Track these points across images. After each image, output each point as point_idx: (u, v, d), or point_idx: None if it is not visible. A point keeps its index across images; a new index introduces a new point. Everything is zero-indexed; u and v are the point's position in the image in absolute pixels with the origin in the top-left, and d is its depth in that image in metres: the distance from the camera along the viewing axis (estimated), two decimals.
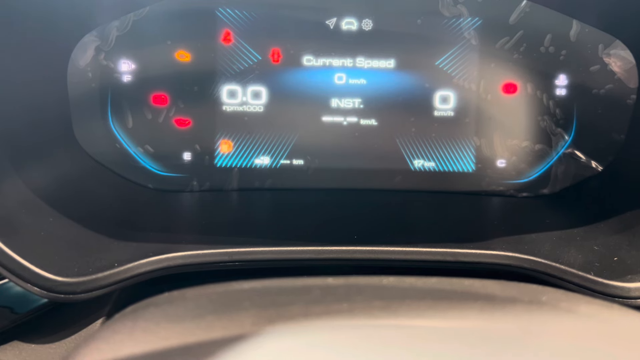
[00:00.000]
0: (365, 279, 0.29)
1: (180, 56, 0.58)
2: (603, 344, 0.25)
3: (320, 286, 0.28)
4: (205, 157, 0.60)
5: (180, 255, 0.44)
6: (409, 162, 0.61)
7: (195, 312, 0.27)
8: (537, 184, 0.61)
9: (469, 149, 0.61)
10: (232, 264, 0.45)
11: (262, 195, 0.60)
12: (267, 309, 0.26)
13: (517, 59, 0.59)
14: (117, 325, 0.27)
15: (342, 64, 0.59)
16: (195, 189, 0.60)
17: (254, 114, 0.59)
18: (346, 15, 0.58)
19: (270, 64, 0.59)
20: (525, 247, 0.47)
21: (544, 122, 0.60)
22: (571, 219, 0.54)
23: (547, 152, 0.61)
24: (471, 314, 0.26)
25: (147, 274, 0.43)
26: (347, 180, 0.61)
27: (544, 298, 0.29)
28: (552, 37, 0.58)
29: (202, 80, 0.59)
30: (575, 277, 0.44)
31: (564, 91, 0.59)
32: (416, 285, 0.29)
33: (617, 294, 0.44)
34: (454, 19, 0.58)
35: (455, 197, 0.61)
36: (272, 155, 0.60)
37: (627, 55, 0.57)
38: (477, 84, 0.60)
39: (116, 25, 0.56)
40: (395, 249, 0.45)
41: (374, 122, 0.60)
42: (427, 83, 0.60)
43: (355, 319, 0.25)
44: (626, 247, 0.48)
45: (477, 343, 0.24)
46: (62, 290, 0.40)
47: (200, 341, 0.24)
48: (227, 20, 0.58)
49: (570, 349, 0.24)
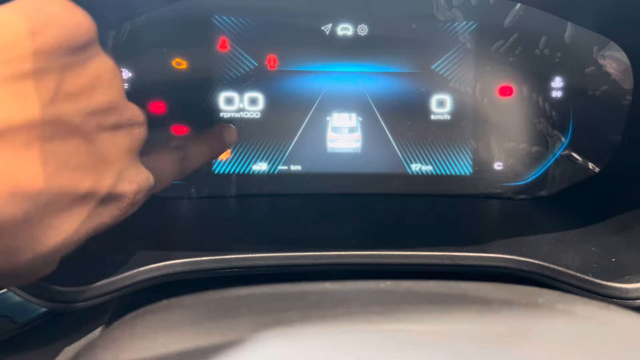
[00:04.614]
0: (362, 283, 0.29)
1: (177, 64, 0.58)
2: (600, 346, 0.25)
3: (318, 291, 0.28)
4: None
5: (179, 263, 0.44)
6: (406, 166, 0.61)
7: (193, 318, 0.27)
8: (534, 186, 0.62)
9: (466, 152, 0.61)
10: (230, 270, 0.45)
11: (260, 201, 0.60)
12: (264, 314, 0.26)
13: (512, 62, 0.59)
14: (116, 332, 0.27)
15: (338, 69, 0.59)
16: (194, 195, 0.60)
17: (251, 120, 0.60)
18: (341, 21, 0.59)
19: (267, 71, 0.59)
20: (523, 249, 0.47)
21: (541, 124, 0.60)
22: (569, 220, 0.54)
23: (544, 154, 0.61)
24: (468, 317, 0.26)
25: (146, 282, 0.43)
26: (344, 185, 0.61)
27: (540, 300, 0.29)
28: (546, 40, 0.58)
29: (199, 88, 0.59)
30: (573, 278, 0.44)
31: (560, 93, 0.60)
32: (413, 289, 0.29)
33: (615, 295, 0.44)
34: (449, 23, 0.59)
35: (453, 200, 0.61)
36: (269, 161, 0.61)
37: (621, 56, 0.57)
38: (473, 88, 0.60)
39: (112, 34, 0.56)
40: (393, 253, 0.45)
41: (371, 127, 0.60)
42: (423, 87, 0.60)
43: (353, 323, 0.25)
44: (624, 248, 0.48)
45: (474, 346, 0.24)
46: (61, 299, 0.40)
47: (199, 347, 0.24)
48: (224, 27, 0.58)
49: (567, 350, 0.24)
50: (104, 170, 0.32)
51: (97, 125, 0.31)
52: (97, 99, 0.31)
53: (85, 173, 0.31)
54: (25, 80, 0.27)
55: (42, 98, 0.28)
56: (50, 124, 0.28)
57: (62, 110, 0.29)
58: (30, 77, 0.27)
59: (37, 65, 0.28)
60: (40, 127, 0.28)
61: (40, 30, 0.28)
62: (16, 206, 0.27)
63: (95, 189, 0.31)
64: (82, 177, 0.30)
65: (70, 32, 0.29)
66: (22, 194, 0.27)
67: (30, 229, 0.29)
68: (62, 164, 0.29)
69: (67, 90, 0.29)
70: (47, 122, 0.28)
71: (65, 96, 0.29)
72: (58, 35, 0.29)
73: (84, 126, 0.30)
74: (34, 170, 0.28)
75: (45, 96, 0.28)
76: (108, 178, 0.32)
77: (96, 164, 0.31)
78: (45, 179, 0.28)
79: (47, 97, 0.28)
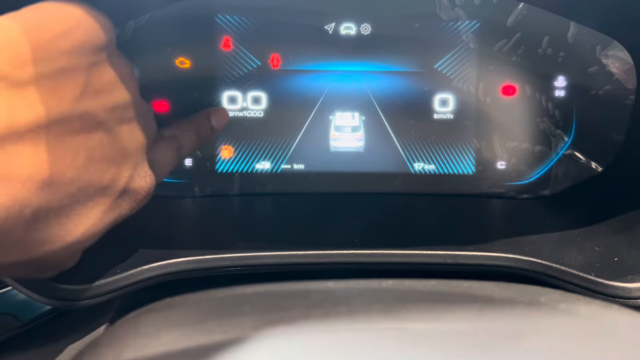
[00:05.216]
0: (364, 282, 0.29)
1: (181, 63, 0.58)
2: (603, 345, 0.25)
3: (320, 290, 0.28)
4: (206, 162, 0.60)
5: (182, 261, 0.44)
6: (409, 166, 0.61)
7: (197, 317, 0.27)
8: (537, 185, 0.62)
9: (469, 151, 0.61)
10: (234, 268, 0.45)
11: (263, 200, 0.60)
12: (267, 313, 0.26)
13: (515, 61, 0.59)
14: (119, 330, 0.27)
15: (341, 68, 0.59)
16: (197, 194, 0.60)
17: (254, 119, 0.60)
18: (345, 20, 0.59)
19: (270, 70, 0.59)
20: (525, 248, 0.47)
21: (544, 123, 0.60)
22: (572, 219, 0.54)
23: (547, 154, 0.61)
24: (470, 315, 0.27)
25: (150, 280, 0.43)
26: (347, 184, 0.61)
27: (543, 299, 0.29)
28: (549, 39, 0.58)
29: (203, 87, 0.59)
30: (576, 278, 0.44)
31: (563, 93, 0.60)
32: (415, 288, 0.29)
33: (618, 294, 0.44)
34: (452, 22, 0.59)
35: (456, 199, 0.61)
36: (272, 160, 0.61)
37: (625, 56, 0.57)
38: (476, 87, 0.60)
39: (116, 33, 0.56)
40: (395, 252, 0.46)
41: (374, 126, 0.60)
42: (426, 86, 0.60)
43: (355, 322, 0.25)
44: (627, 247, 0.48)
45: (476, 344, 0.24)
46: (65, 297, 0.40)
47: (202, 345, 0.24)
48: (227, 26, 0.58)
49: (570, 350, 0.24)
50: (124, 162, 0.34)
51: (118, 120, 0.33)
52: (117, 95, 0.33)
53: (108, 165, 0.33)
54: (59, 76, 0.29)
55: (73, 93, 0.30)
56: (79, 119, 0.30)
57: (89, 105, 0.31)
58: (64, 73, 0.29)
59: (70, 62, 0.30)
60: (71, 120, 0.30)
61: (70, 31, 0.30)
62: (51, 195, 0.29)
63: (116, 180, 0.33)
64: (105, 169, 0.33)
65: (94, 33, 0.32)
66: (57, 183, 0.29)
67: (62, 218, 0.31)
68: (89, 156, 0.31)
69: (92, 87, 0.31)
70: (77, 116, 0.30)
71: (91, 92, 0.31)
72: (85, 35, 0.31)
73: (107, 121, 0.32)
74: (66, 161, 0.30)
75: (76, 92, 0.30)
76: (127, 170, 0.34)
77: (117, 156, 0.33)
78: (75, 169, 0.30)
79: (77, 92, 0.30)
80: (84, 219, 0.32)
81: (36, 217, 0.29)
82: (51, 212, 0.30)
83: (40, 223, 0.29)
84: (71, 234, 0.31)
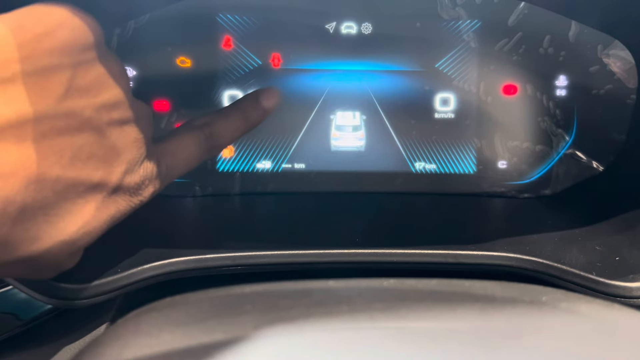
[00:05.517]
0: (365, 281, 0.29)
1: (181, 62, 0.58)
2: (604, 344, 0.25)
3: (321, 289, 0.28)
4: (207, 162, 0.60)
5: (183, 260, 0.44)
6: (410, 165, 0.61)
7: (197, 316, 0.27)
8: (538, 184, 0.61)
9: (470, 150, 0.61)
10: (235, 268, 0.45)
11: (264, 200, 0.60)
12: (268, 312, 0.26)
13: (516, 61, 0.59)
14: (120, 330, 0.27)
15: (342, 67, 0.59)
16: (198, 193, 0.60)
17: None
18: (345, 20, 0.59)
19: (271, 69, 0.59)
20: (527, 248, 0.47)
21: (545, 123, 0.60)
22: (573, 219, 0.54)
23: (548, 153, 0.61)
24: (471, 314, 0.26)
25: (151, 279, 0.43)
26: (348, 184, 0.61)
27: (544, 298, 0.29)
28: (551, 38, 0.58)
29: (204, 86, 0.59)
30: (577, 277, 0.44)
31: (564, 92, 0.60)
32: (417, 287, 0.29)
33: (619, 293, 0.44)
34: (453, 21, 0.59)
35: (457, 198, 0.61)
36: (273, 160, 0.61)
37: (626, 55, 0.57)
38: (477, 86, 0.60)
39: (117, 32, 0.56)
40: (396, 251, 0.46)
41: (375, 125, 0.60)
42: (427, 86, 0.60)
43: (356, 321, 0.25)
44: (628, 246, 0.48)
45: (477, 344, 0.24)
46: (66, 296, 0.40)
47: (203, 344, 0.24)
48: (228, 25, 0.58)
49: (571, 349, 0.24)
50: (115, 159, 0.34)
51: (106, 119, 0.33)
52: (105, 94, 0.33)
53: (97, 162, 0.33)
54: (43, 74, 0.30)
55: (57, 92, 0.30)
56: (65, 117, 0.31)
57: (74, 104, 0.31)
58: (47, 72, 0.30)
59: (53, 61, 0.30)
60: (56, 118, 0.30)
61: (53, 30, 0.30)
62: (37, 192, 0.29)
63: (107, 178, 0.34)
64: (95, 166, 0.33)
65: (79, 32, 0.32)
66: (43, 180, 0.30)
67: (50, 216, 0.31)
68: (76, 153, 0.31)
69: (78, 86, 0.31)
70: (61, 114, 0.31)
71: (77, 91, 0.31)
72: (70, 34, 0.31)
73: (94, 119, 0.32)
74: (52, 158, 0.30)
75: (60, 90, 0.30)
76: (118, 167, 0.34)
77: (107, 154, 0.34)
78: (62, 167, 0.31)
79: (61, 91, 0.30)
80: (75, 217, 0.32)
81: (22, 215, 0.29)
82: (38, 210, 0.30)
83: (28, 221, 0.29)
84: (62, 232, 0.32)
